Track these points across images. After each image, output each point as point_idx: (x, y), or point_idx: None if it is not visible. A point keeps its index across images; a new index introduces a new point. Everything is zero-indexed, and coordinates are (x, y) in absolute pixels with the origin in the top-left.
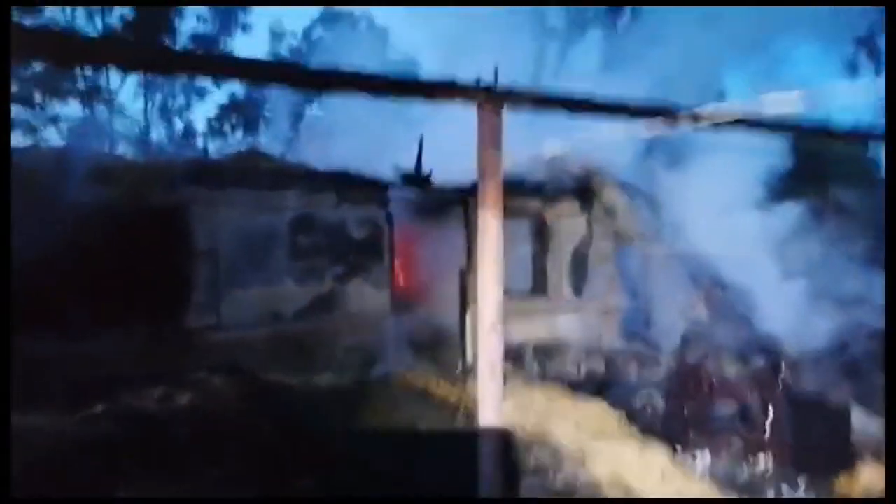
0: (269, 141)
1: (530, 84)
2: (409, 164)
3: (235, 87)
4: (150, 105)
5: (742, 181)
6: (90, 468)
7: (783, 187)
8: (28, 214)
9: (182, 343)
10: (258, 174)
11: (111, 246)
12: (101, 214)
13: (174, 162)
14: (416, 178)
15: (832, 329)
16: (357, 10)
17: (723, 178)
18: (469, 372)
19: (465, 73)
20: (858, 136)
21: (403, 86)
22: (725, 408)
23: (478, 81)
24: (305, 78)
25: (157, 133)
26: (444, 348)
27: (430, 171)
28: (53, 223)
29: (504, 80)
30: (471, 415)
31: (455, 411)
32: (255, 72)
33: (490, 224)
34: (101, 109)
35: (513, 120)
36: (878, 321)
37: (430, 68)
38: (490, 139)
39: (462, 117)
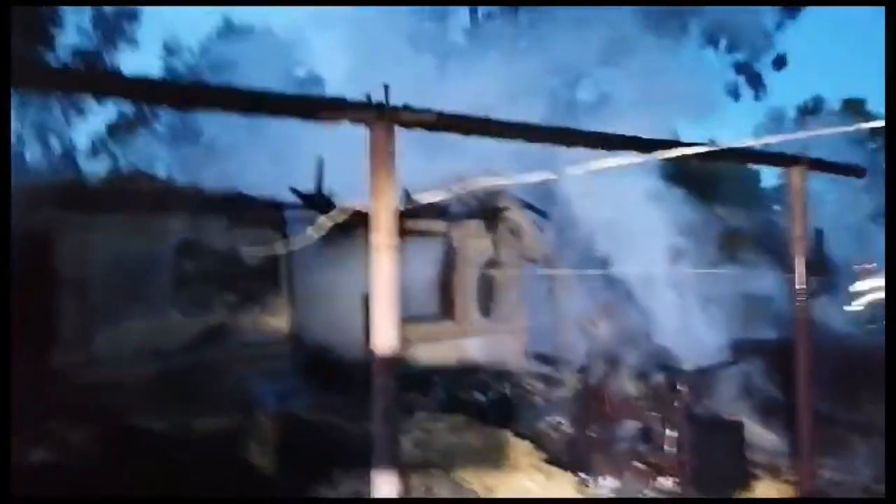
0: (157, 161)
1: (425, 103)
2: (307, 185)
3: (122, 105)
4: (22, 123)
5: (635, 200)
6: None
7: (675, 207)
8: None
9: (44, 384)
10: (139, 196)
11: None
12: None
13: (42, 183)
14: (316, 200)
15: (725, 344)
16: (259, 23)
17: (618, 197)
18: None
19: (371, 90)
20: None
21: (290, 104)
22: (627, 428)
23: (369, 99)
24: (190, 97)
25: (32, 154)
26: (348, 381)
27: (330, 193)
28: None
29: (400, 99)
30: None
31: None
32: (137, 90)
33: (383, 247)
34: None
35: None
36: (770, 334)
37: (335, 86)
38: (381, 159)
39: (362, 136)
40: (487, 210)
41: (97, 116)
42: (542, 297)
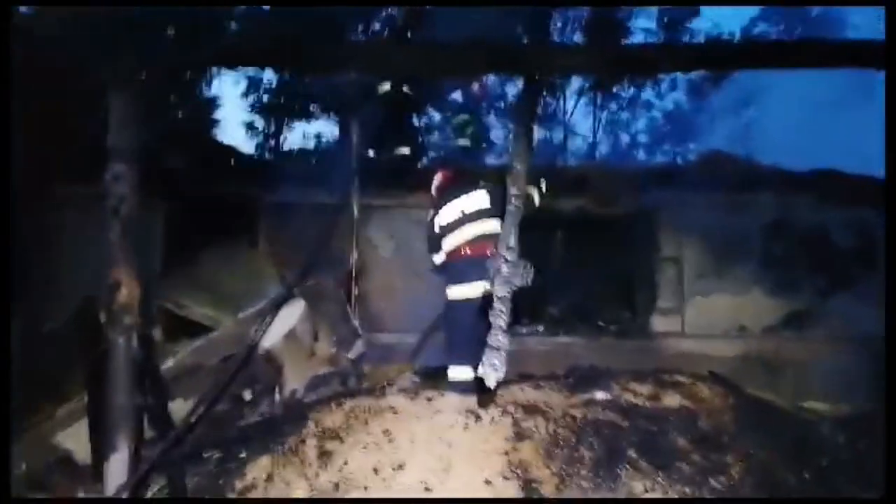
0: (727, 144)
1: None
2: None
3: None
4: (598, 122)
5: None
6: None
7: None
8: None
9: (648, 346)
10: (724, 176)
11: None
12: (575, 220)
13: (643, 167)
14: None
15: None
16: None
17: None
18: None
19: None
20: None
21: None
22: None
23: None
24: None
25: (604, 148)
26: None
27: None
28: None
29: None
30: None
31: None
32: None
33: None
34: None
35: None
36: None
37: None
38: None
39: None
40: None
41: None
42: None
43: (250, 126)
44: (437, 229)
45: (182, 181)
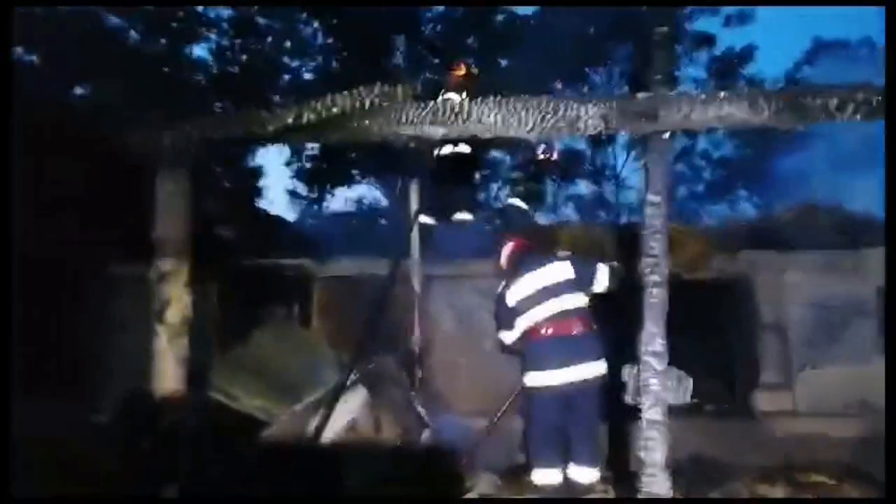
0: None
1: None
2: None
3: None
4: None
5: None
6: None
7: None
8: None
9: (754, 427)
10: (820, 231)
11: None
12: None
13: (737, 224)
14: None
15: None
16: None
17: None
18: None
19: None
20: None
21: None
22: None
23: None
24: None
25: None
26: None
27: None
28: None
29: None
30: None
31: None
32: None
33: None
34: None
35: None
36: None
37: None
38: None
39: None
40: None
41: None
42: None
43: (294, 194)
44: (509, 305)
45: (232, 252)
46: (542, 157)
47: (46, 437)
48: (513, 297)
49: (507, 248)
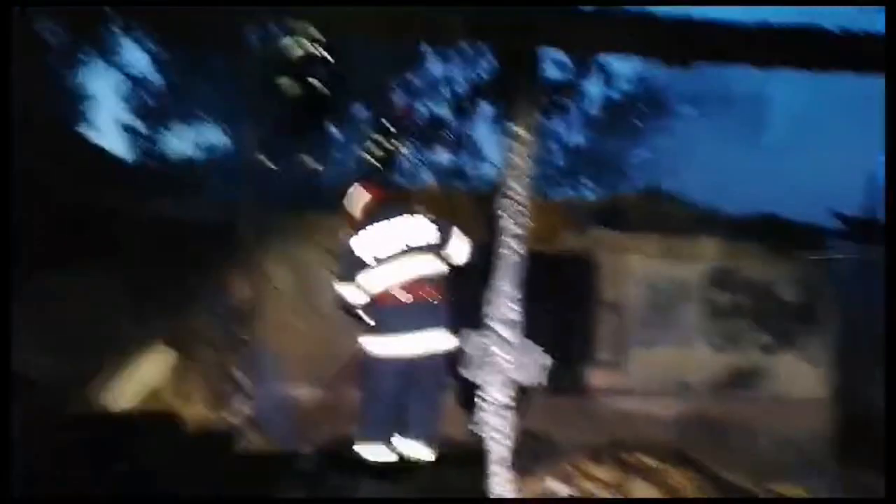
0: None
1: None
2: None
3: None
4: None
5: None
6: None
7: None
8: None
9: (585, 407)
10: (665, 218)
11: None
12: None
13: (583, 202)
14: (865, 226)
15: None
16: None
17: None
18: None
19: None
20: None
21: None
22: None
23: None
24: None
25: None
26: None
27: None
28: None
29: None
30: None
31: None
32: None
33: None
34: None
35: None
36: None
37: None
38: None
39: None
40: None
41: None
42: None
43: (128, 129)
44: (359, 256)
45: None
46: (400, 113)
47: None
48: (364, 249)
49: (362, 195)
